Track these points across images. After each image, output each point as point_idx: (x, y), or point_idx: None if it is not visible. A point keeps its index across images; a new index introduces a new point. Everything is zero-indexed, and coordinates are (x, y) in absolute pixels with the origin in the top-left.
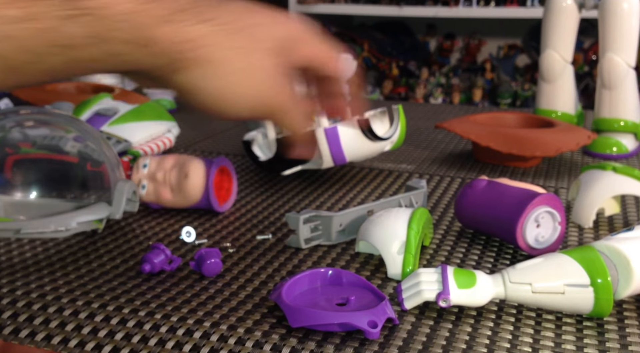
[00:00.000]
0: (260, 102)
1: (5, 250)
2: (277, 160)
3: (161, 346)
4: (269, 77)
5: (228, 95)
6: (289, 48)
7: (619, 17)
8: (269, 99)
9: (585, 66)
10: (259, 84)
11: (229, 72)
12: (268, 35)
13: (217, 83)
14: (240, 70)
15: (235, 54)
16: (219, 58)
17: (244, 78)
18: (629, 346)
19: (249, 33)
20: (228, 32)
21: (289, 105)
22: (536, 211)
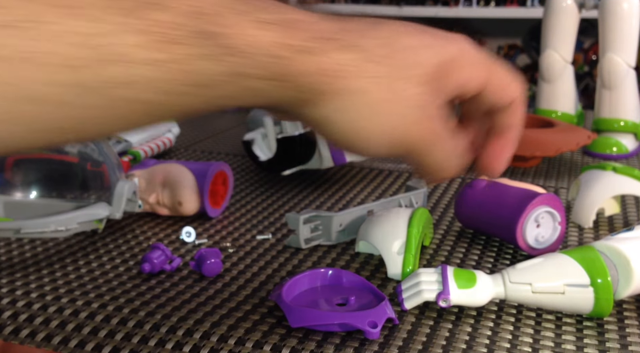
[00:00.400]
0: (400, 138)
1: (5, 249)
2: (277, 160)
3: (161, 346)
4: (413, 109)
5: (363, 129)
6: (444, 74)
7: (619, 17)
8: (412, 135)
9: (585, 66)
10: (400, 118)
11: (366, 103)
12: (417, 60)
13: (351, 116)
14: (379, 101)
15: (374, 84)
16: (356, 88)
17: (382, 110)
18: (629, 346)
19: (395, 59)
20: (371, 59)
21: (437, 144)
22: (536, 211)
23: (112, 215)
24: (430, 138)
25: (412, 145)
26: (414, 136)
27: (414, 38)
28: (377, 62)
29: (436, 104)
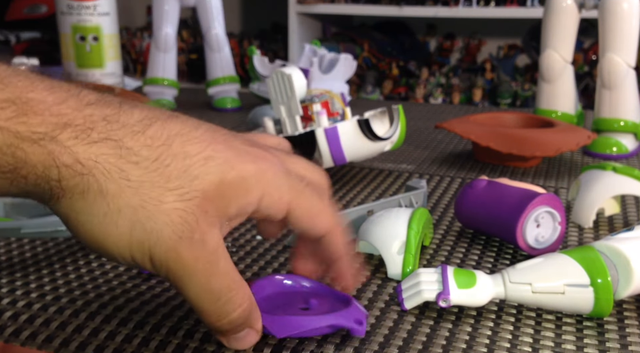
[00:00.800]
0: (151, 256)
1: (5, 249)
2: None
3: (162, 349)
4: (168, 226)
5: (109, 237)
6: (226, 194)
7: (619, 17)
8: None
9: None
10: (150, 233)
11: (114, 209)
12: (191, 172)
13: (95, 220)
14: (130, 208)
15: (128, 188)
16: (103, 189)
17: (133, 219)
18: (629, 346)
19: (161, 164)
20: (130, 159)
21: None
22: (536, 211)
23: None
24: (186, 264)
25: (165, 268)
26: (168, 257)
27: (197, 146)
28: (135, 163)
29: (204, 228)
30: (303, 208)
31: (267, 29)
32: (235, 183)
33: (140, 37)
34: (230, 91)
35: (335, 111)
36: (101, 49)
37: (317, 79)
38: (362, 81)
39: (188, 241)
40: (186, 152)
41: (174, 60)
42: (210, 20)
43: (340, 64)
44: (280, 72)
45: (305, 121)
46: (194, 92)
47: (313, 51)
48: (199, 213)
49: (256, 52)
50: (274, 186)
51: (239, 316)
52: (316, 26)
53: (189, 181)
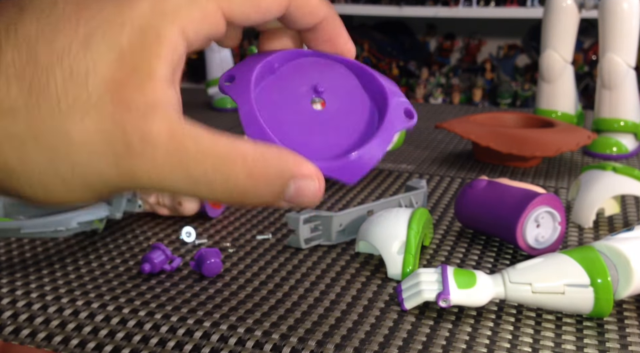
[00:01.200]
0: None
1: (5, 249)
2: None
3: (161, 347)
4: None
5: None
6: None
7: (619, 17)
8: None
9: (585, 66)
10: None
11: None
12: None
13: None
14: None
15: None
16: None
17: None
18: (629, 346)
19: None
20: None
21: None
22: (536, 211)
23: (112, 215)
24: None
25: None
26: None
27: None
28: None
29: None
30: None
31: None
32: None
33: None
34: None
35: None
36: None
37: None
38: None
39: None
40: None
41: None
42: None
43: None
44: None
45: None
46: (194, 92)
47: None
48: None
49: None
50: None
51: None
52: None
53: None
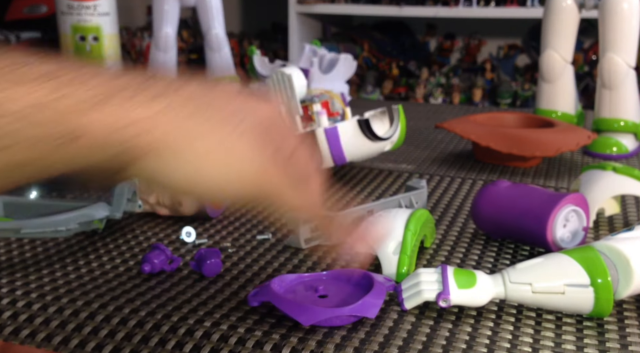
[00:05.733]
0: (243, 184)
1: (5, 249)
2: None
3: (161, 346)
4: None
5: (201, 181)
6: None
7: (619, 17)
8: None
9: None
10: (238, 164)
11: (196, 156)
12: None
13: (187, 169)
14: (209, 152)
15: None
16: (176, 141)
17: (216, 160)
18: (629, 346)
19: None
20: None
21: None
22: (567, 208)
23: (112, 215)
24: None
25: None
26: (256, 181)
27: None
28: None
29: (269, 149)
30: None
31: (267, 29)
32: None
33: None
34: None
35: (335, 111)
36: (101, 49)
37: (317, 79)
38: (362, 81)
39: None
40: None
41: (174, 60)
42: (210, 20)
43: (340, 64)
44: (281, 72)
45: (305, 121)
46: None
47: (313, 51)
48: (259, 140)
49: (256, 52)
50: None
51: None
52: (316, 26)
53: (239, 122)
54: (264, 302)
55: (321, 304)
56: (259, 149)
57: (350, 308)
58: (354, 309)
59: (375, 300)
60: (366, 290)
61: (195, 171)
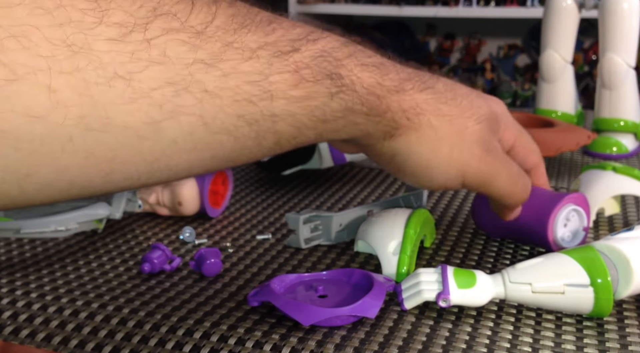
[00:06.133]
0: (465, 169)
1: (5, 249)
2: (277, 160)
3: (161, 346)
4: (475, 143)
5: (431, 161)
6: (494, 121)
7: (619, 17)
8: (476, 167)
9: (585, 66)
10: (465, 151)
11: (436, 138)
12: (473, 104)
13: (422, 148)
14: (447, 136)
15: (444, 121)
16: (429, 124)
17: (449, 144)
18: (629, 346)
19: (458, 102)
20: (441, 100)
21: (501, 172)
22: (568, 207)
23: (112, 215)
24: (494, 167)
25: (477, 176)
26: (478, 167)
27: (465, 88)
28: (445, 103)
29: (494, 140)
30: (523, 144)
31: None
32: (496, 114)
33: None
34: None
35: None
36: None
37: None
38: None
39: (489, 152)
40: (464, 93)
41: None
42: None
43: None
44: None
45: None
46: None
47: None
48: (489, 131)
49: None
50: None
51: (524, 196)
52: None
53: (477, 110)
54: (263, 302)
55: (321, 304)
56: (489, 136)
57: (350, 308)
58: (354, 309)
59: (375, 300)
60: (366, 290)
61: (435, 150)
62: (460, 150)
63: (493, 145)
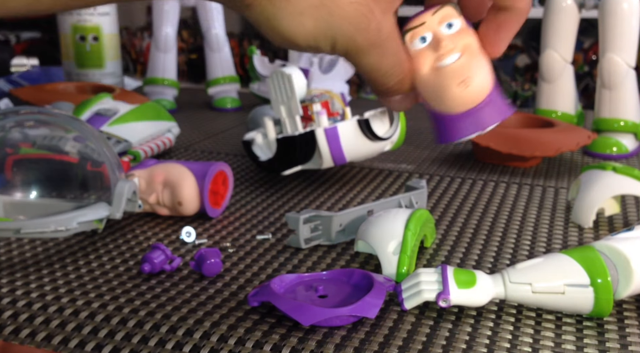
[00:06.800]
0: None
1: (5, 249)
2: (277, 160)
3: (161, 346)
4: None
5: (300, 37)
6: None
7: (619, 17)
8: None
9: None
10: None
11: (298, 11)
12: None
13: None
14: (311, 8)
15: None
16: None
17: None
18: (629, 346)
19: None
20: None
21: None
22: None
23: (112, 215)
24: (364, 49)
25: (344, 52)
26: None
27: None
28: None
29: (379, 17)
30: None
31: None
32: None
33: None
34: (230, 91)
35: (335, 111)
36: (101, 49)
37: (317, 79)
38: (362, 81)
39: (365, 32)
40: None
41: (174, 60)
42: (210, 20)
43: (340, 64)
44: (281, 72)
45: (305, 121)
46: (194, 92)
47: None
48: (372, 3)
49: (256, 52)
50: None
51: (396, 84)
52: None
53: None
54: (263, 302)
55: (321, 304)
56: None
57: (350, 308)
58: (354, 309)
59: (375, 300)
60: (366, 290)
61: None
62: (328, 25)
63: (373, 25)
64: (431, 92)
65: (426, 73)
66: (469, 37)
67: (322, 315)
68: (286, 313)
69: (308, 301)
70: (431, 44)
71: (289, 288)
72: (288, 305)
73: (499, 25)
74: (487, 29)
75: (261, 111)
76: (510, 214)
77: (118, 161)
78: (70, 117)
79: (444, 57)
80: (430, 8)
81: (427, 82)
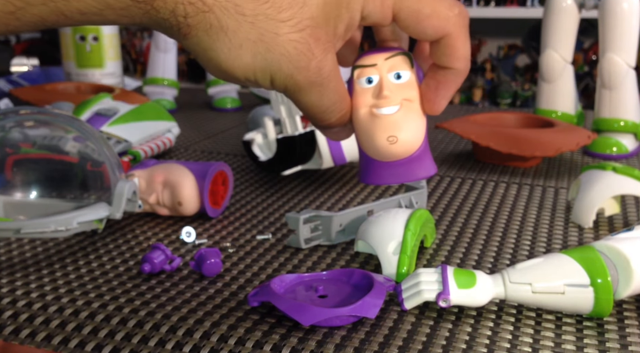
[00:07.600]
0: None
1: (5, 249)
2: (277, 160)
3: (161, 346)
4: (288, 58)
5: (237, 70)
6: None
7: (619, 17)
8: (285, 82)
9: (585, 66)
10: (276, 63)
11: (236, 44)
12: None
13: (222, 56)
14: (250, 42)
15: (247, 22)
16: (223, 26)
17: (255, 52)
18: (629, 346)
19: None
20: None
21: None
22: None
23: (112, 215)
24: (304, 88)
25: (283, 89)
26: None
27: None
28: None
29: (319, 55)
30: (409, 9)
31: None
32: (337, 4)
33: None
34: (230, 91)
35: None
36: (101, 49)
37: None
38: None
39: (304, 70)
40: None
41: (174, 60)
42: None
43: None
44: None
45: (305, 121)
46: (194, 92)
47: None
48: (313, 42)
49: None
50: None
51: (337, 120)
52: None
53: (299, 10)
54: (263, 302)
55: (321, 304)
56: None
57: (350, 308)
58: (354, 309)
59: (375, 300)
60: (366, 290)
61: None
62: (266, 61)
63: (314, 64)
64: (362, 134)
65: (363, 114)
66: (412, 92)
67: (322, 315)
68: (286, 313)
69: (308, 302)
70: (375, 88)
71: (289, 288)
72: (288, 305)
73: (438, 82)
74: (427, 86)
75: (261, 111)
76: (510, 215)
77: (118, 161)
78: (70, 118)
79: (382, 106)
80: (386, 50)
81: (361, 123)
